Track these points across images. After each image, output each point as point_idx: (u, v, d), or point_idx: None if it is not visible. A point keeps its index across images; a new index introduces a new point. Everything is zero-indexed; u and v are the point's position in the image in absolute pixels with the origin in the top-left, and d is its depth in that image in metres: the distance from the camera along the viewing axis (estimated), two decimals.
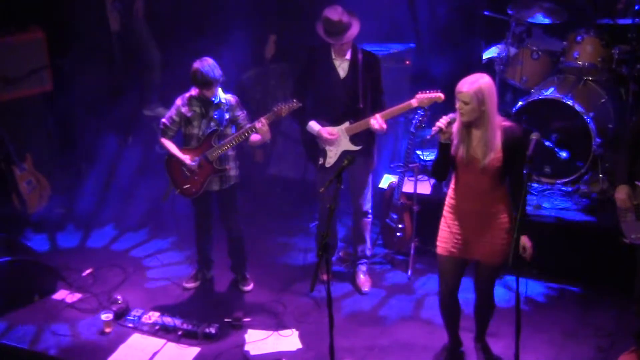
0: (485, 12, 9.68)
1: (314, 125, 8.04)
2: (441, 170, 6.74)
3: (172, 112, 8.07)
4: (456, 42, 10.35)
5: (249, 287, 8.63)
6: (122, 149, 11.10)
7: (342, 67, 7.92)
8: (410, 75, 10.22)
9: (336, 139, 8.00)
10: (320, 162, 8.10)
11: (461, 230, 6.71)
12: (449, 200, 6.81)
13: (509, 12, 9.46)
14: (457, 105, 6.35)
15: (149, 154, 10.61)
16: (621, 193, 6.75)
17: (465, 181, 6.61)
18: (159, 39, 11.19)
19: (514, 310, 6.16)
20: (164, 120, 8.11)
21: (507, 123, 6.42)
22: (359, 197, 8.38)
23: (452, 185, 6.76)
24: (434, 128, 6.48)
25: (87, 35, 10.68)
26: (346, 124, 7.97)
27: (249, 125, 7.88)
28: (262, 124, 7.77)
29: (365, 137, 8.07)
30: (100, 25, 10.93)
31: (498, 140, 6.34)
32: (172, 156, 8.11)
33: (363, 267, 8.65)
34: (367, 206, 8.45)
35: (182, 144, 8.13)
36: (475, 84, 6.27)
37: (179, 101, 8.05)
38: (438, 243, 6.85)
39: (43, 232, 9.71)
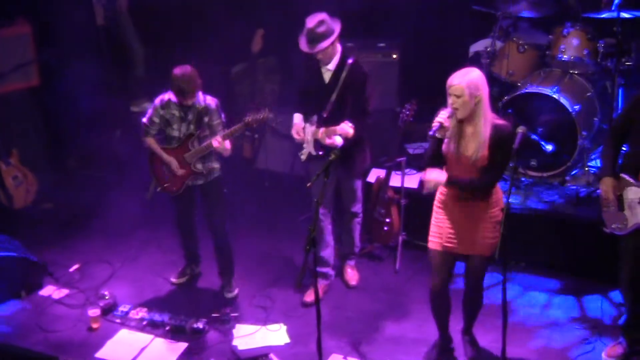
0: (473, 6, 9.68)
1: (295, 118, 8.04)
2: (435, 164, 6.73)
3: (151, 113, 8.02)
4: (443, 36, 10.36)
5: (232, 294, 8.44)
6: (110, 143, 11.07)
7: (327, 74, 7.79)
8: (398, 70, 10.23)
9: (302, 139, 7.94)
10: (299, 153, 8.12)
11: (451, 224, 6.74)
12: (439, 195, 6.83)
13: (496, 5, 9.47)
14: (450, 100, 6.36)
15: (137, 148, 10.60)
16: (605, 184, 6.78)
17: (451, 173, 6.63)
18: (144, 33, 11.16)
19: (500, 303, 6.19)
20: (144, 120, 8.06)
21: (499, 121, 6.43)
22: (346, 200, 8.36)
23: None
24: (434, 124, 6.45)
25: (73, 30, 10.64)
26: (314, 128, 7.85)
27: (205, 143, 7.87)
28: (217, 142, 7.75)
29: (343, 146, 7.64)
30: (87, 20, 10.90)
31: (487, 135, 6.35)
32: (154, 154, 8.11)
33: (351, 262, 8.66)
34: (356, 207, 8.43)
35: (164, 142, 8.10)
36: (466, 76, 6.30)
37: (157, 102, 7.99)
38: (429, 238, 6.89)
39: (30, 228, 9.67)
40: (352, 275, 8.62)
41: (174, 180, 8.11)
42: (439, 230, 6.82)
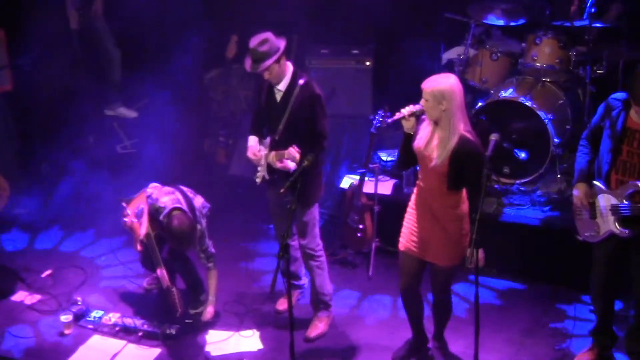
0: (446, 14, 9.72)
1: (249, 140, 7.66)
2: (402, 159, 6.86)
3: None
4: (417, 43, 10.40)
5: (195, 311, 8.19)
6: (84, 148, 11.03)
7: (279, 94, 7.39)
8: (371, 77, 10.27)
9: (259, 160, 7.54)
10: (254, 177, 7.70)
11: (417, 229, 6.80)
12: (412, 197, 6.93)
13: (469, 13, 9.52)
14: (422, 101, 6.43)
15: (111, 153, 10.58)
16: (578, 191, 6.82)
17: (421, 178, 6.72)
18: (119, 38, 11.14)
19: (473, 309, 6.22)
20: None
21: (468, 136, 6.40)
22: (298, 232, 7.74)
23: (417, 183, 6.86)
24: (397, 113, 6.55)
25: (46, 35, 10.60)
26: (266, 151, 7.48)
27: None
28: None
29: (287, 173, 7.23)
30: (60, 24, 10.85)
31: (451, 145, 6.36)
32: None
33: (320, 314, 7.95)
34: (311, 243, 7.68)
35: None
36: (435, 82, 6.35)
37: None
38: (400, 238, 6.95)
39: (2, 234, 9.63)
40: (313, 327, 7.88)
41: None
42: (405, 232, 6.91)
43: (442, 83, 6.34)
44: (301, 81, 7.30)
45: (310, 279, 7.85)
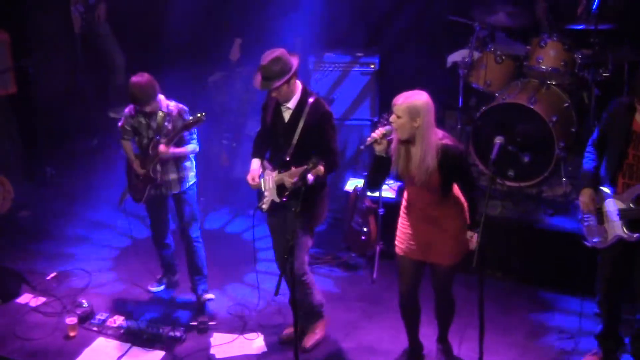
0: (450, 17, 9.72)
1: (252, 164, 7.44)
2: (372, 179, 6.92)
3: (122, 121, 8.12)
4: (422, 46, 10.41)
5: (211, 296, 8.43)
6: (87, 151, 11.05)
7: (287, 113, 7.24)
8: (376, 80, 10.26)
9: (257, 185, 7.36)
10: (259, 204, 7.45)
11: (413, 232, 6.82)
12: (403, 202, 6.93)
13: (473, 16, 9.51)
14: (391, 118, 6.38)
15: (115, 156, 10.58)
16: (585, 196, 6.81)
17: (410, 192, 6.76)
18: (123, 41, 11.15)
19: (476, 312, 6.22)
20: (119, 123, 8.16)
21: (446, 141, 6.40)
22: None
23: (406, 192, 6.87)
24: (368, 138, 6.51)
25: (50, 38, 10.63)
26: (275, 173, 7.28)
27: (154, 150, 7.92)
28: (163, 148, 7.81)
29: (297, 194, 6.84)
30: (64, 28, 10.88)
31: (432, 159, 6.34)
32: (127, 159, 8.17)
33: (314, 324, 7.83)
34: (301, 271, 7.36)
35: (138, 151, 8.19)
36: (410, 98, 6.30)
37: (126, 111, 8.08)
38: (396, 243, 6.96)
39: (6, 236, 9.64)
40: (310, 336, 7.76)
41: (137, 188, 8.16)
42: (401, 236, 6.91)
43: (417, 99, 6.30)
44: (311, 99, 7.17)
45: (299, 299, 7.34)
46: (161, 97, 7.91)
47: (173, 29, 10.57)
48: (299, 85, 7.20)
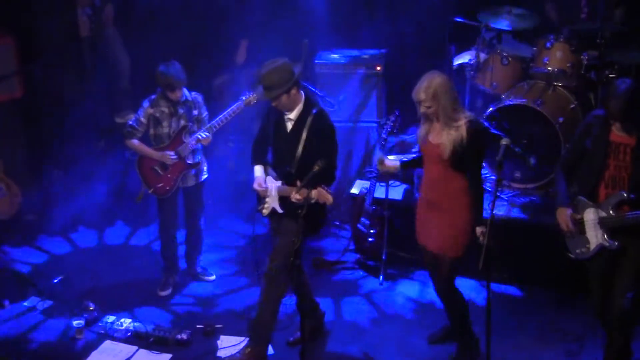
0: (456, 18, 9.71)
1: (255, 171, 7.44)
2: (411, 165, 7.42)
3: (139, 114, 8.24)
4: (427, 48, 10.40)
5: (212, 277, 8.89)
6: (94, 154, 11.05)
7: (290, 123, 7.22)
8: (382, 81, 10.25)
9: (266, 191, 7.30)
10: (259, 207, 7.45)
11: (423, 220, 7.02)
12: (419, 192, 7.20)
13: (479, 18, 9.50)
14: (420, 109, 6.74)
15: (121, 159, 10.59)
16: (560, 216, 6.82)
17: (425, 169, 6.99)
18: (129, 45, 11.16)
19: (483, 313, 6.22)
20: (130, 122, 8.26)
21: (466, 121, 6.63)
22: (273, 253, 7.33)
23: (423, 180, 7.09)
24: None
25: (57, 42, 10.62)
26: (279, 183, 7.27)
27: (196, 136, 8.21)
28: (207, 137, 8.21)
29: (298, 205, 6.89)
30: (70, 32, 10.88)
31: (458, 135, 6.60)
32: (143, 156, 8.21)
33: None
34: (278, 274, 7.22)
35: (152, 145, 8.25)
36: (424, 82, 6.69)
37: (146, 103, 8.24)
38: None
39: (14, 239, 9.66)
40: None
41: (167, 179, 8.21)
42: (417, 225, 7.14)
43: (434, 81, 6.65)
44: (315, 111, 7.13)
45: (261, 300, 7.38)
46: None
47: (178, 31, 10.58)
48: (301, 95, 7.16)
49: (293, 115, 7.15)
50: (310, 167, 6.77)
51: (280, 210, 7.22)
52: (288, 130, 7.20)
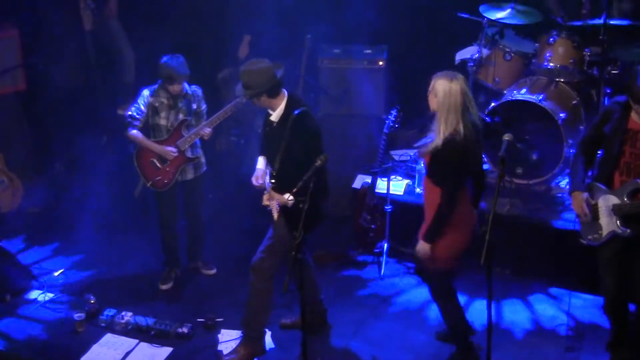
0: (459, 14, 9.69)
1: (258, 162, 7.47)
2: None
3: (139, 103, 8.22)
4: (430, 43, 10.39)
5: (213, 271, 8.93)
6: (97, 148, 11.06)
7: (273, 124, 7.15)
8: (384, 77, 10.25)
9: (262, 186, 7.29)
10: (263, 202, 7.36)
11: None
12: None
13: (482, 13, 9.48)
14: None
15: (124, 153, 10.59)
16: (576, 200, 6.81)
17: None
18: (133, 39, 11.16)
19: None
20: (129, 112, 8.23)
21: (448, 133, 6.51)
22: (261, 251, 7.40)
23: None
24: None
25: (60, 35, 10.63)
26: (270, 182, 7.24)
27: (196, 130, 8.26)
28: (208, 131, 8.24)
29: (287, 208, 7.04)
30: (74, 25, 10.88)
31: (436, 143, 6.53)
32: (142, 149, 8.22)
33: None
34: (261, 270, 7.40)
35: (150, 136, 8.28)
36: (434, 78, 6.65)
37: (145, 92, 8.23)
38: None
39: (15, 232, 9.67)
40: (227, 354, 7.62)
41: (165, 172, 8.23)
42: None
43: (437, 81, 6.63)
44: (296, 112, 6.98)
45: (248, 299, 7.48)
46: None
47: (182, 25, 10.58)
48: (283, 96, 7.08)
49: (274, 117, 7.11)
50: (290, 174, 6.77)
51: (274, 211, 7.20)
52: (271, 131, 7.18)
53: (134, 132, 8.22)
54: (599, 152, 6.89)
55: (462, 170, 6.58)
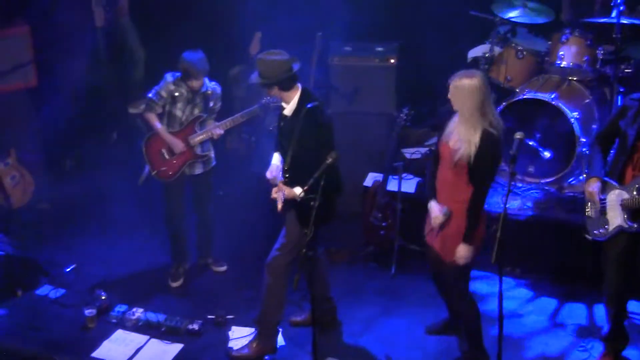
0: (471, 11, 9.67)
1: (274, 158, 7.39)
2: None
3: (160, 86, 8.20)
4: (442, 41, 10.37)
5: (224, 267, 8.93)
6: (107, 145, 11.08)
7: (286, 118, 7.14)
8: (395, 74, 10.23)
9: (275, 180, 7.19)
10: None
11: (431, 221, 6.88)
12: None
13: (494, 11, 9.46)
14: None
15: (134, 150, 10.61)
16: (591, 185, 6.80)
17: (439, 173, 6.81)
18: (144, 35, 11.17)
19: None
20: (150, 95, 8.23)
21: (490, 130, 6.43)
22: (277, 247, 7.38)
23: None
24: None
25: (72, 31, 10.64)
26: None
27: (208, 129, 8.30)
28: (221, 131, 8.31)
29: (295, 203, 7.02)
30: (85, 21, 10.90)
31: (473, 141, 6.43)
32: (153, 136, 8.22)
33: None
34: (280, 263, 7.33)
35: (163, 124, 8.31)
36: (453, 79, 6.49)
37: (169, 77, 8.20)
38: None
39: (27, 227, 9.69)
40: (240, 348, 7.64)
41: (171, 164, 8.23)
42: (426, 224, 7.04)
43: (456, 82, 6.48)
44: (309, 105, 6.95)
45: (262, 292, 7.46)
46: None
47: (193, 22, 10.58)
48: (296, 90, 7.06)
49: (287, 111, 7.10)
50: (302, 171, 6.75)
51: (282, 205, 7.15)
52: (285, 125, 7.16)
53: (152, 115, 8.24)
54: (612, 148, 6.89)
55: (499, 163, 6.63)
